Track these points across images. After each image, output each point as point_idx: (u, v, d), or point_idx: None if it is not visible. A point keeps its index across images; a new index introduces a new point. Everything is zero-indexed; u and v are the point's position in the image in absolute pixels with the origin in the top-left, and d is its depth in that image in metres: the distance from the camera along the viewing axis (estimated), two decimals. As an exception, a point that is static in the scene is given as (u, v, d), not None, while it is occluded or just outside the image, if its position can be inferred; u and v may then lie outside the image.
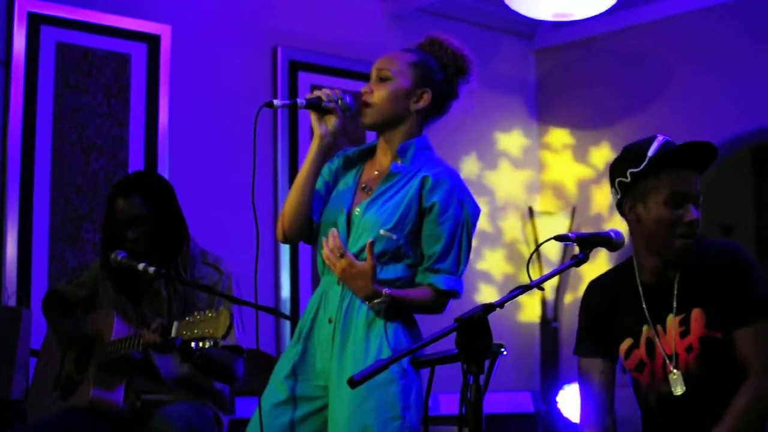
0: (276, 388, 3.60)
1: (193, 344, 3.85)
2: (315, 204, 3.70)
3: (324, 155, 3.67)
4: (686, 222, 3.37)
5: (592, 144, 8.05)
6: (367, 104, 3.66)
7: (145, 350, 4.22)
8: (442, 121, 3.92)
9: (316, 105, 3.63)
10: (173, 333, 3.97)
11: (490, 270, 7.89)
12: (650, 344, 3.46)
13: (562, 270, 3.07)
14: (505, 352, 4.29)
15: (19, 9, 5.88)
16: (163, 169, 6.23)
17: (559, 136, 8.28)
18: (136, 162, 6.18)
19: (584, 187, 8.06)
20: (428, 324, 3.64)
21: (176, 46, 6.43)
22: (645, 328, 3.47)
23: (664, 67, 7.70)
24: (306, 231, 3.71)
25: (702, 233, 3.49)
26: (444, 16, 7.81)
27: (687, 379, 3.39)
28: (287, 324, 6.66)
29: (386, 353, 3.46)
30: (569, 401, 7.08)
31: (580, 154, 8.12)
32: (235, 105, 6.60)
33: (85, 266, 5.52)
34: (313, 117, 3.65)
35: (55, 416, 4.34)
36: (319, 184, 3.72)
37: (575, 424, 6.92)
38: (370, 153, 3.80)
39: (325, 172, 3.76)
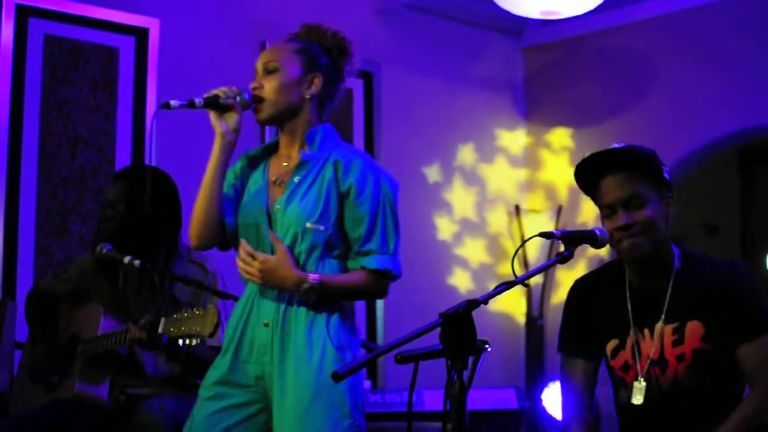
0: (208, 398, 3.52)
1: (180, 342, 3.86)
2: (225, 207, 3.60)
3: (228, 154, 3.58)
4: (617, 228, 3.37)
5: (579, 142, 8.06)
6: (259, 99, 3.57)
7: (131, 346, 4.23)
8: (428, 117, 3.89)
9: (214, 103, 3.57)
10: (160, 329, 3.97)
11: (467, 256, 7.89)
12: (636, 347, 3.47)
13: (547, 267, 3.09)
14: (489, 349, 4.29)
15: (6, 1, 5.87)
16: (149, 163, 6.22)
17: (547, 134, 8.29)
18: (122, 155, 6.17)
19: (571, 185, 8.07)
20: (411, 320, 3.65)
21: (164, 39, 6.42)
22: (632, 330, 3.48)
23: (651, 66, 7.71)
24: (219, 236, 3.61)
25: (688, 250, 3.50)
26: (431, 12, 7.81)
27: (673, 385, 3.41)
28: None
29: (330, 352, 3.42)
30: (554, 398, 7.09)
31: (568, 152, 8.13)
32: (223, 99, 6.59)
33: (71, 260, 5.51)
34: (212, 116, 3.57)
35: (39, 409, 4.34)
36: (226, 188, 3.62)
37: (559, 421, 6.94)
38: (272, 149, 3.71)
39: (230, 175, 3.65)
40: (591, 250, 3.44)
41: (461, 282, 7.82)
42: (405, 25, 7.72)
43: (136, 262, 4.22)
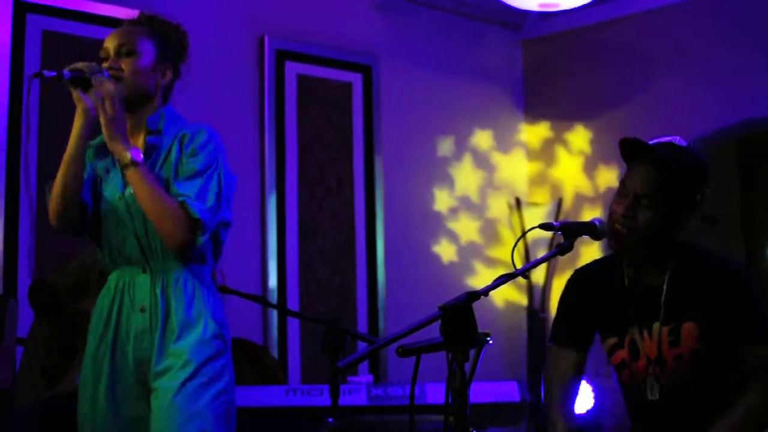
0: (92, 396, 3.43)
1: None
2: (84, 188, 3.52)
3: (89, 130, 3.49)
4: (618, 210, 3.37)
5: (578, 135, 8.06)
6: (118, 79, 3.44)
7: None
8: (428, 110, 3.87)
9: (80, 78, 3.43)
10: None
11: (458, 231, 7.89)
12: (633, 346, 3.47)
13: (547, 258, 3.08)
14: (490, 341, 4.29)
15: (4, -3, 5.87)
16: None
17: (546, 127, 8.29)
18: (122, 151, 6.16)
19: (570, 177, 8.07)
20: (412, 313, 3.64)
21: (164, 34, 6.42)
22: (631, 329, 3.47)
23: (650, 58, 7.71)
24: (78, 217, 3.51)
25: (689, 245, 3.49)
26: (430, 5, 7.82)
27: (670, 386, 3.41)
28: (274, 313, 6.65)
29: (212, 327, 3.38)
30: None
31: (566, 144, 8.13)
32: (222, 94, 6.60)
33: (72, 255, 5.50)
34: (74, 92, 3.45)
35: (42, 404, 4.34)
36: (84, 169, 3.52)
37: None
38: None
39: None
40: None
41: (447, 254, 7.80)
42: (404, 18, 7.71)
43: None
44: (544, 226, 3.09)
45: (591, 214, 7.70)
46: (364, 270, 7.25)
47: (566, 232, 3.08)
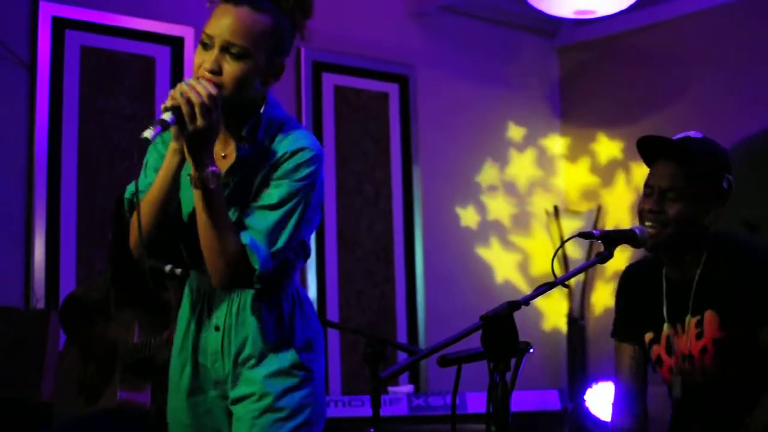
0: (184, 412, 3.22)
1: None
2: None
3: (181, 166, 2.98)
4: (646, 209, 3.39)
5: (614, 141, 8.03)
6: (218, 86, 2.91)
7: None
8: (464, 119, 3.83)
9: (179, 117, 2.86)
10: None
11: (496, 240, 7.90)
12: (669, 342, 3.48)
13: (587, 267, 3.08)
14: (532, 351, 4.28)
15: (43, 13, 5.91)
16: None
17: (583, 134, 8.27)
18: (161, 164, 6.20)
19: (607, 184, 8.05)
20: (451, 322, 3.63)
21: (200, 48, 6.45)
22: (665, 325, 3.49)
23: (686, 63, 7.68)
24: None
25: (725, 237, 3.48)
26: (466, 14, 7.82)
27: (703, 380, 3.41)
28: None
29: (293, 356, 3.07)
30: (597, 399, 7.07)
31: (603, 151, 8.11)
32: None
33: (104, 269, 5.53)
34: (175, 131, 2.91)
35: (84, 418, 4.35)
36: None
37: (603, 422, 6.91)
38: None
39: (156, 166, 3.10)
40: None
41: (499, 281, 7.82)
42: (439, 28, 7.72)
43: (177, 270, 4.22)
44: (584, 235, 3.09)
45: (629, 221, 7.68)
46: (403, 280, 7.26)
47: (606, 241, 3.08)
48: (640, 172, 7.77)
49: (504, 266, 7.88)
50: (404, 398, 5.45)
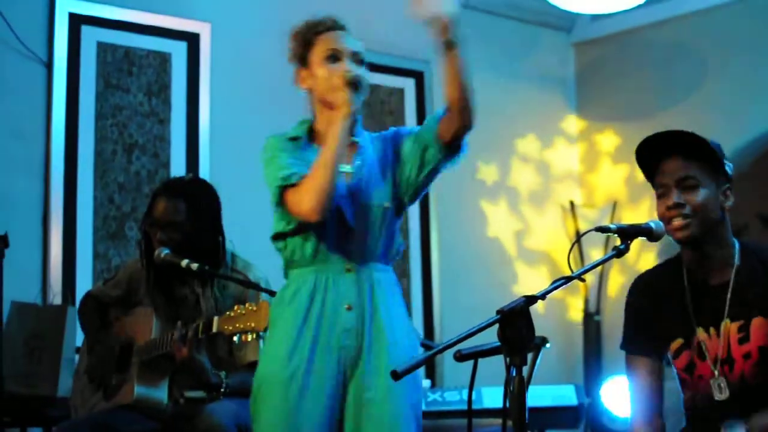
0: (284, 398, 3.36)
1: (235, 338, 3.88)
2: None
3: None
4: (668, 206, 3.37)
5: (631, 137, 8.02)
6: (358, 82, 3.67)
7: (188, 347, 4.22)
8: (483, 115, 3.87)
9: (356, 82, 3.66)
10: (214, 328, 3.99)
11: (512, 235, 7.94)
12: (701, 346, 3.45)
13: (603, 261, 3.06)
14: (548, 346, 4.26)
15: (60, 10, 5.92)
16: (204, 167, 6.26)
17: (599, 129, 8.26)
18: (177, 160, 6.21)
19: (624, 180, 8.04)
20: (467, 317, 3.63)
21: (216, 43, 6.46)
22: (699, 329, 3.45)
23: (702, 57, 7.67)
24: None
25: (748, 243, 3.47)
26: (482, 11, 7.80)
27: (741, 385, 3.39)
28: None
29: (412, 329, 3.52)
30: (613, 394, 7.06)
31: (620, 147, 8.10)
32: (276, 101, 6.61)
33: (121, 265, 5.53)
34: (350, 90, 3.62)
35: (101, 414, 4.36)
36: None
37: (619, 416, 6.90)
38: (309, 130, 3.69)
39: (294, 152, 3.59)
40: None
41: (514, 273, 7.82)
42: (455, 24, 7.70)
43: (194, 266, 4.23)
44: (600, 229, 3.07)
45: (646, 216, 7.66)
46: (419, 275, 7.26)
47: (622, 235, 3.07)
48: (657, 167, 7.76)
49: (520, 261, 7.88)
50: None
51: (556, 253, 8.02)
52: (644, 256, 7.52)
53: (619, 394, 6.90)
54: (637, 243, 3.14)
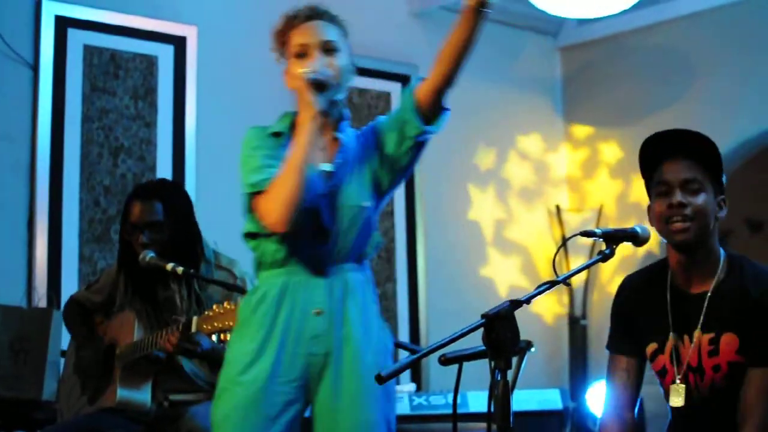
0: (256, 399, 3.29)
1: (213, 337, 3.88)
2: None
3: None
4: (671, 205, 3.37)
5: (617, 142, 8.04)
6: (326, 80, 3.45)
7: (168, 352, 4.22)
8: (469, 120, 3.87)
9: (321, 82, 3.47)
10: (193, 328, 3.99)
11: (499, 239, 7.90)
12: (675, 352, 3.46)
13: (589, 265, 3.07)
14: (533, 350, 4.27)
15: (46, 12, 5.91)
16: (190, 171, 6.26)
17: (585, 134, 8.27)
18: (163, 163, 6.20)
19: (610, 185, 8.05)
20: (453, 321, 3.63)
21: (202, 47, 6.45)
22: (671, 335, 3.46)
23: (689, 63, 7.68)
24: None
25: (735, 255, 3.47)
26: (469, 14, 7.80)
27: (706, 394, 3.40)
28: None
29: (384, 333, 3.43)
30: (598, 398, 7.07)
31: (607, 151, 8.11)
32: (262, 105, 6.61)
33: (105, 269, 5.53)
34: (312, 91, 3.41)
35: (86, 417, 4.37)
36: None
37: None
38: (292, 125, 3.55)
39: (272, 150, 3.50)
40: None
41: (500, 280, 7.82)
42: (442, 27, 7.63)
43: (179, 269, 4.23)
44: (586, 233, 3.08)
45: (632, 221, 7.67)
46: (405, 279, 7.26)
47: (608, 239, 3.08)
48: (643, 171, 7.77)
49: (506, 265, 7.88)
50: (405, 397, 5.45)
51: (543, 257, 8.01)
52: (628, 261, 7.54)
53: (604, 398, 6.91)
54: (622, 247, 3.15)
